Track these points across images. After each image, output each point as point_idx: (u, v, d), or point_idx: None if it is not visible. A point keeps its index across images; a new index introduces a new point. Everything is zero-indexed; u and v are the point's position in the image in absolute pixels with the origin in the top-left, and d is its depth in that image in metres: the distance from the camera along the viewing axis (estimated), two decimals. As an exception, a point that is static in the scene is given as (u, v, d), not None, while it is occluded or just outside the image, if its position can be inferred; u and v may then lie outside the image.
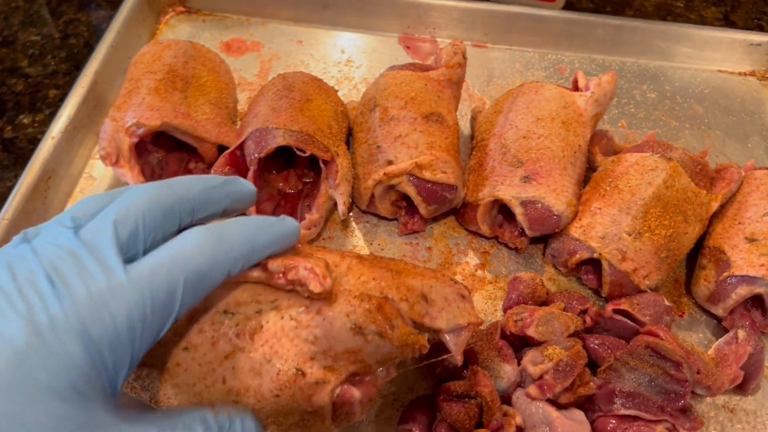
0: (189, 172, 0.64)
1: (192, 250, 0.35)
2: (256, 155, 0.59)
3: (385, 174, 0.59)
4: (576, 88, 0.69)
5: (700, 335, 0.60)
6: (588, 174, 0.65)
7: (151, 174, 0.63)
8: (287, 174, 0.65)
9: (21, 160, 0.68)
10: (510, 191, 0.59)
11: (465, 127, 0.74)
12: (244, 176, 0.60)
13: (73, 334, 0.31)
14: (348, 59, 0.80)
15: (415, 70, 0.66)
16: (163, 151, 0.64)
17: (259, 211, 0.61)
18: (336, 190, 0.61)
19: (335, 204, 0.62)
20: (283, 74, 0.67)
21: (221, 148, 0.64)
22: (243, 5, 0.82)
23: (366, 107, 0.65)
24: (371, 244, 0.63)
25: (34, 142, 0.69)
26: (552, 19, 0.80)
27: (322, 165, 0.61)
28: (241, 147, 0.61)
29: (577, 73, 0.68)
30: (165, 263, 0.34)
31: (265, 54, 0.79)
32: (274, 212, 0.63)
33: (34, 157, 0.62)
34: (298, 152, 0.59)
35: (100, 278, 0.33)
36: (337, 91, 0.70)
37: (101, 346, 0.32)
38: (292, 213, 0.64)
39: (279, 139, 0.59)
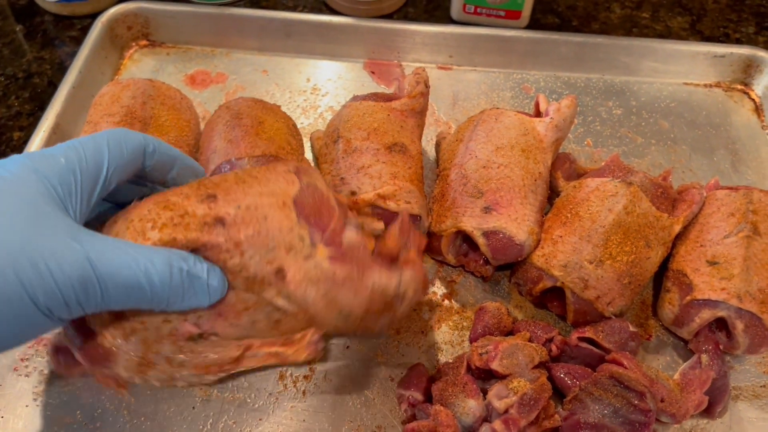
0: None
1: (110, 130, 0.46)
2: None
3: (348, 205, 0.59)
4: (537, 112, 0.69)
5: (667, 358, 0.60)
6: (552, 198, 0.65)
7: None
8: None
9: None
10: (472, 222, 0.59)
11: (431, 151, 0.74)
12: None
13: (27, 170, 0.40)
14: (314, 87, 0.79)
15: (378, 100, 0.66)
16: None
17: None
18: None
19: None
20: (225, 104, 0.67)
21: None
22: (207, 36, 0.82)
23: (330, 138, 0.65)
24: (338, 278, 0.63)
25: None
26: (516, 39, 0.80)
27: None
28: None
29: (538, 97, 0.68)
30: (88, 136, 0.45)
31: (230, 85, 0.79)
32: None
33: None
34: None
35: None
36: (280, 107, 0.69)
37: (51, 180, 0.40)
38: None
39: (246, 168, 0.59)
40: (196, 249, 0.43)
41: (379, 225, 0.54)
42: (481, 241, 0.59)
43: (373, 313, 0.50)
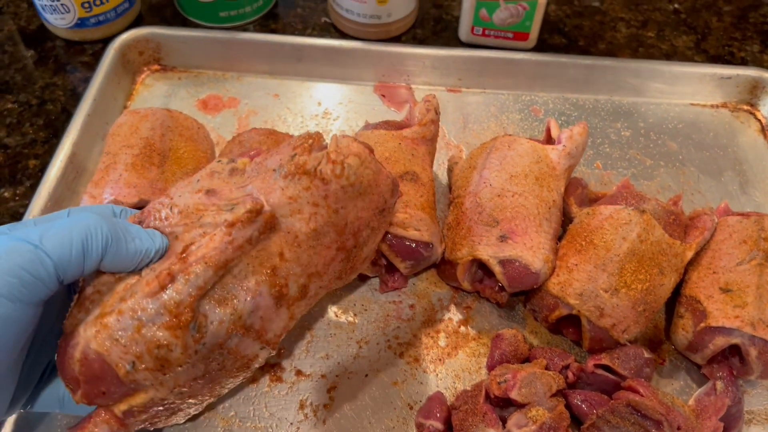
0: None
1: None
2: None
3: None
4: (548, 137, 0.70)
5: (681, 382, 0.61)
6: (565, 225, 0.66)
7: None
8: None
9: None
10: (488, 251, 0.60)
11: (443, 176, 0.74)
12: None
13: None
14: (325, 111, 0.80)
15: (389, 128, 0.67)
16: None
17: None
18: None
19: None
20: (237, 138, 0.68)
21: None
22: (218, 60, 0.83)
23: (343, 168, 0.66)
24: (354, 305, 0.64)
25: (16, 216, 0.69)
26: (524, 62, 0.81)
27: None
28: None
29: (549, 122, 0.69)
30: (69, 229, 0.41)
31: (242, 110, 0.80)
32: None
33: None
34: None
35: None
36: (289, 134, 0.70)
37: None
38: None
39: None
40: None
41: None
42: (497, 269, 0.60)
43: None
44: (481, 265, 0.63)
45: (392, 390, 0.59)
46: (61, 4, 0.80)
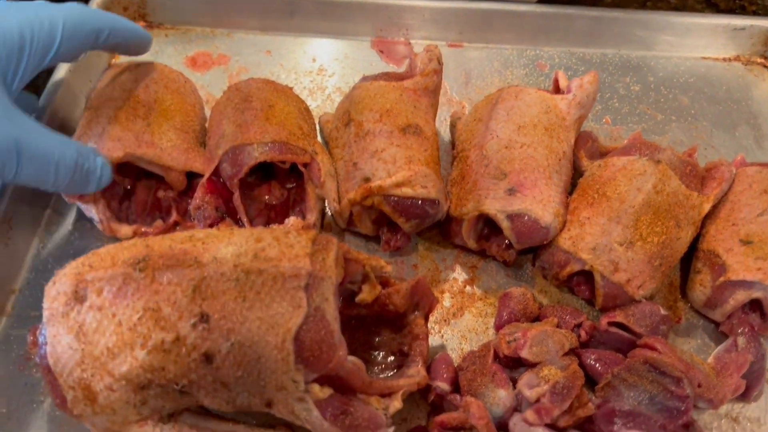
0: (158, 200, 0.61)
1: (70, 6, 0.51)
2: (235, 178, 0.56)
3: (361, 193, 0.57)
4: (557, 89, 0.66)
5: (698, 341, 0.58)
6: (574, 179, 0.62)
7: (118, 206, 0.60)
8: (270, 185, 0.62)
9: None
10: (495, 205, 0.56)
11: (445, 132, 0.71)
12: (228, 201, 0.58)
13: None
14: (320, 68, 0.76)
15: (389, 79, 0.64)
16: (129, 180, 0.61)
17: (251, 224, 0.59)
18: (322, 189, 0.59)
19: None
20: (234, 85, 0.64)
21: (189, 175, 0.61)
22: (207, 17, 0.79)
23: (341, 122, 0.62)
24: (354, 265, 0.61)
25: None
26: (529, 14, 0.77)
27: (302, 168, 0.58)
28: (215, 172, 0.58)
29: (557, 74, 0.66)
30: (48, 7, 0.50)
31: (232, 67, 0.76)
32: (267, 225, 0.60)
33: (-7, 198, 0.59)
34: (278, 163, 0.57)
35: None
36: (292, 88, 0.67)
37: None
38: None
39: (255, 155, 0.56)
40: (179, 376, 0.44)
41: (387, 267, 0.52)
42: (505, 224, 0.56)
43: None
44: (488, 222, 0.60)
45: (396, 352, 0.56)
46: (39, -43, 0.76)
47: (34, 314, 0.57)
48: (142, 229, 0.59)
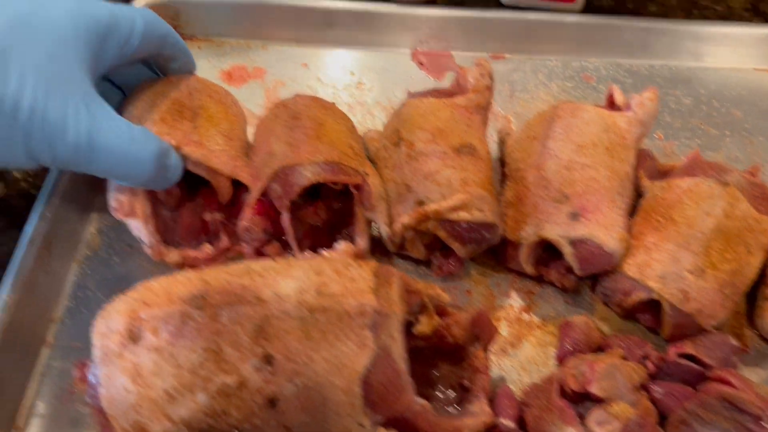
0: (205, 224, 0.58)
1: (143, 9, 0.55)
2: (286, 199, 0.54)
3: (416, 217, 0.55)
4: (611, 105, 0.64)
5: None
6: (635, 200, 0.60)
7: (164, 229, 0.57)
8: (315, 206, 0.59)
9: (18, 220, 0.62)
10: (557, 230, 0.54)
11: (492, 149, 0.68)
12: (276, 223, 0.56)
13: (62, 11, 0.46)
14: (359, 81, 0.74)
15: (439, 96, 0.61)
16: (174, 203, 0.59)
17: (301, 251, 0.56)
18: (373, 212, 0.56)
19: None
20: (281, 102, 0.62)
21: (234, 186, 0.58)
22: (241, 28, 0.76)
23: (390, 141, 0.60)
24: (405, 291, 0.58)
25: (29, 198, 0.63)
26: (575, 25, 0.75)
27: (353, 190, 0.56)
28: (264, 192, 0.56)
29: (612, 89, 0.63)
30: (126, 6, 0.52)
31: (268, 81, 0.73)
32: (314, 250, 0.58)
33: (30, 222, 0.56)
34: (330, 184, 0.55)
35: None
36: (334, 104, 0.64)
37: (88, 30, 0.47)
38: (330, 248, 0.58)
39: (308, 175, 0.54)
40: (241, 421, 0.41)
41: (445, 297, 0.49)
42: (567, 250, 0.54)
43: None
44: (547, 246, 0.57)
45: (454, 384, 0.54)
46: (69, -33, 0.73)
47: (76, 345, 0.55)
48: (191, 254, 0.56)
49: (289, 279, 0.45)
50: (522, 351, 0.56)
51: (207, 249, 0.57)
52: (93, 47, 0.47)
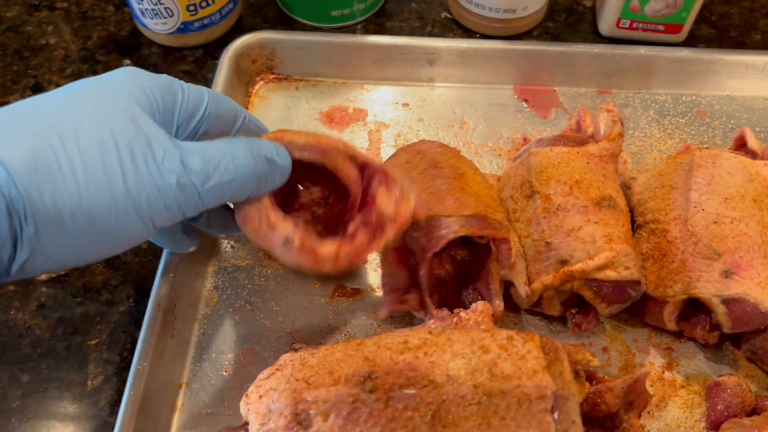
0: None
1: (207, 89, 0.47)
2: (430, 251, 0.52)
3: (560, 278, 0.52)
4: (739, 146, 0.61)
5: None
6: (779, 252, 0.57)
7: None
8: (442, 258, 0.57)
9: (130, 276, 0.61)
10: (709, 288, 0.52)
11: (609, 192, 0.66)
12: (411, 271, 0.54)
13: (128, 81, 0.43)
14: (462, 120, 0.72)
15: (569, 144, 0.59)
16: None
17: (425, 306, 0.54)
18: (511, 270, 0.54)
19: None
20: (413, 148, 0.60)
21: None
22: (337, 68, 0.74)
23: (519, 192, 0.58)
24: (540, 349, 0.56)
25: (140, 254, 0.61)
26: (689, 60, 0.72)
27: (493, 246, 0.53)
28: (403, 240, 0.54)
29: (744, 132, 0.61)
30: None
31: (370, 123, 0.71)
32: (440, 304, 0.55)
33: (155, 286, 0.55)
34: (476, 238, 0.53)
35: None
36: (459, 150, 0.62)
37: (155, 95, 0.42)
38: (458, 303, 0.56)
39: (455, 228, 0.52)
40: None
41: (595, 361, 0.47)
42: (720, 309, 0.52)
43: None
44: (689, 302, 0.55)
45: (606, 452, 0.51)
46: (165, 8, 0.72)
47: (206, 412, 0.53)
48: (344, 245, 0.49)
49: (455, 357, 0.43)
50: (668, 413, 0.54)
51: (361, 237, 0.50)
52: (162, 111, 0.43)
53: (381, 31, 0.80)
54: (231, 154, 0.42)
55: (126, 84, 0.42)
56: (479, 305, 0.53)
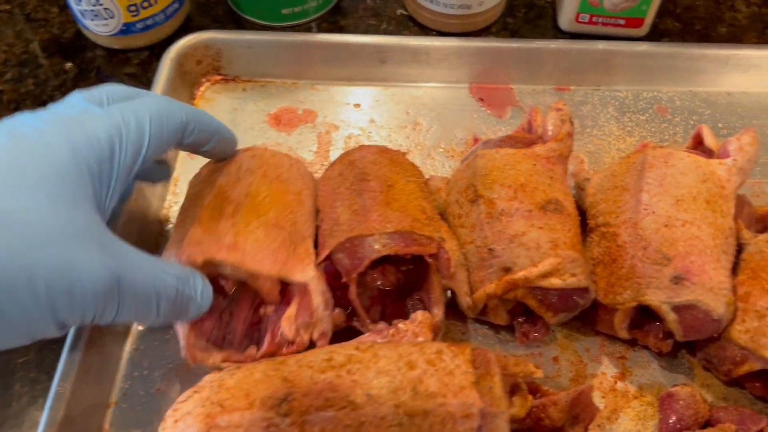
0: (260, 317, 0.52)
1: (153, 100, 0.45)
2: (353, 272, 0.49)
3: (503, 286, 0.50)
4: (696, 145, 0.59)
5: None
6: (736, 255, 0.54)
7: (217, 323, 0.51)
8: (383, 269, 0.54)
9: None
10: (659, 295, 0.49)
11: (565, 194, 0.63)
12: (341, 287, 0.51)
13: (58, 140, 0.37)
14: (415, 121, 0.69)
15: (515, 145, 0.56)
16: (229, 294, 0.53)
17: (372, 320, 0.51)
18: (451, 281, 0.52)
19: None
20: (347, 157, 0.57)
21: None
22: (287, 68, 0.71)
23: (463, 196, 0.55)
24: (487, 360, 0.54)
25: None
26: (649, 55, 0.69)
27: (428, 260, 0.51)
28: (329, 259, 0.51)
29: (701, 130, 0.58)
30: (131, 105, 0.42)
31: (320, 124, 0.69)
32: (384, 317, 0.53)
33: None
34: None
35: (77, 108, 0.41)
36: (405, 153, 0.60)
37: (88, 159, 0.38)
38: (402, 314, 0.53)
39: (377, 248, 0.49)
40: None
41: (538, 373, 0.45)
42: (671, 317, 0.49)
43: None
44: (641, 309, 0.52)
45: (552, 469, 0.49)
46: (104, 9, 0.69)
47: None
48: (234, 358, 0.49)
49: (381, 375, 0.40)
50: (619, 426, 0.51)
51: (251, 352, 0.50)
52: (95, 182, 0.39)
53: (335, 29, 0.77)
54: (158, 291, 0.41)
55: (59, 158, 0.37)
56: (419, 315, 0.51)
